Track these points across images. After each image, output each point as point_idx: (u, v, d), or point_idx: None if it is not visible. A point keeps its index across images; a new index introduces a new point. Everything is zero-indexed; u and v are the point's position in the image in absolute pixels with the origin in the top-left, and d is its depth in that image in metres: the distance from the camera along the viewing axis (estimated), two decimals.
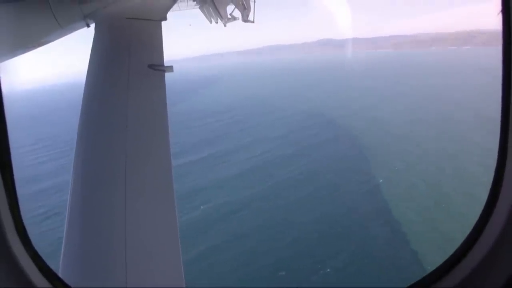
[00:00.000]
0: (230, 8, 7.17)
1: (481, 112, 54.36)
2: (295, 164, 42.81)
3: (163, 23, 5.15)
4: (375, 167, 39.67)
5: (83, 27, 5.05)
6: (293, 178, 38.51)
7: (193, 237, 27.75)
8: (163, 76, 4.83)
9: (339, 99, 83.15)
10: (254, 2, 6.85)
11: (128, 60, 4.57)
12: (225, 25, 7.58)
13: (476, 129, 47.56)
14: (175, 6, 6.60)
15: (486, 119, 48.04)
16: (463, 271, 1.82)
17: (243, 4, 6.69)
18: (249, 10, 6.79)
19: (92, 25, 4.91)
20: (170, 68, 4.84)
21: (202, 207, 33.34)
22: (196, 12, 8.31)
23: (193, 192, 36.35)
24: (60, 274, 3.29)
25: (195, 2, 7.75)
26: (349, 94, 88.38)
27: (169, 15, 5.36)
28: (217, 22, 7.72)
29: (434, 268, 1.91)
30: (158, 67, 4.71)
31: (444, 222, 26.48)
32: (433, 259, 21.01)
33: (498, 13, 1.66)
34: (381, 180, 35.97)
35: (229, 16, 7.20)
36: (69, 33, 5.20)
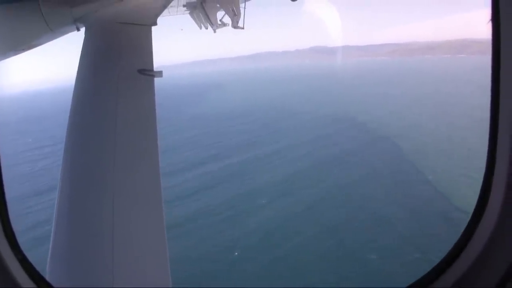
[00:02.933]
0: (220, 14, 7.20)
1: None
2: (346, 163, 43.87)
3: (153, 28, 5.17)
4: (423, 166, 40.98)
5: (73, 30, 5.06)
6: (352, 177, 39.36)
7: (281, 232, 28.62)
8: (153, 81, 4.84)
9: (356, 104, 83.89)
10: (244, 8, 6.83)
11: (118, 65, 4.58)
12: (214, 31, 7.63)
13: None
14: (165, 12, 6.56)
15: None
16: (456, 273, 1.84)
17: (233, 10, 6.65)
18: (239, 16, 6.73)
19: (82, 29, 4.94)
20: (160, 73, 4.83)
21: (268, 203, 34.06)
22: (186, 18, 8.42)
23: (256, 190, 37.11)
24: (47, 275, 3.43)
25: (185, 8, 7.75)
26: (363, 100, 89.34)
27: (159, 20, 5.38)
28: (207, 28, 7.76)
29: (429, 269, 1.96)
30: (147, 72, 4.72)
31: None
32: None
33: (488, 22, 1.70)
34: (430, 177, 37.37)
35: (219, 22, 7.23)
36: (59, 36, 5.22)
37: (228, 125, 71.96)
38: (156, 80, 4.82)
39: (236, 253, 26.51)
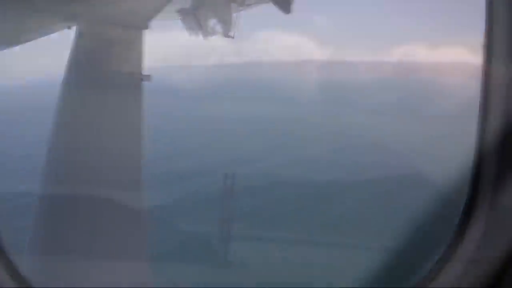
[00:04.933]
0: (212, 22, 7.32)
1: None
2: (376, 170, 44.17)
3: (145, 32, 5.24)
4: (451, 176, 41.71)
5: (65, 28, 5.10)
6: (389, 185, 39.47)
7: (331, 231, 28.53)
8: (141, 84, 4.85)
9: (364, 119, 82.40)
10: (236, 18, 6.97)
11: (107, 66, 4.60)
12: (206, 39, 7.78)
13: None
14: (158, 17, 6.53)
15: None
16: (449, 274, 1.86)
17: (225, 19, 6.80)
18: (231, 26, 6.88)
19: (73, 28, 4.97)
20: (148, 77, 4.86)
21: (310, 206, 33.90)
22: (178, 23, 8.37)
23: (290, 195, 36.90)
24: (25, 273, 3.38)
25: (178, 14, 7.76)
26: (370, 114, 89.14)
27: (151, 25, 5.44)
28: (198, 35, 7.84)
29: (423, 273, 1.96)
30: (136, 75, 4.75)
31: None
32: None
33: (482, 47, 1.77)
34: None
35: (210, 30, 7.37)
36: (51, 33, 5.27)
37: (239, 131, 70.63)
38: (155, 82, 4.90)
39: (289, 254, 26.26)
